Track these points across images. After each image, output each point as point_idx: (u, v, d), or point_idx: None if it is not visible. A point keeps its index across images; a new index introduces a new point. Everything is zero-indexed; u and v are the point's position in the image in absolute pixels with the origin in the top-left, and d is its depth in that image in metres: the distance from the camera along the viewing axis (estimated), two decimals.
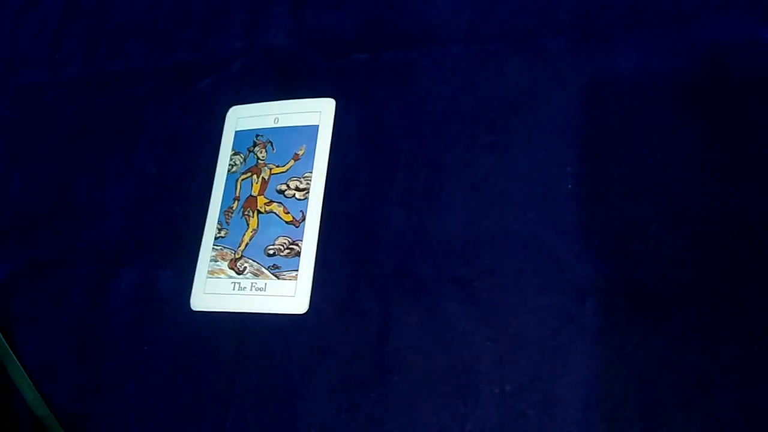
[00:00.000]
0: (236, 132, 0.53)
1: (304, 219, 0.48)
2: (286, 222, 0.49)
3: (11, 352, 0.52)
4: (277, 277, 0.47)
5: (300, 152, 0.50)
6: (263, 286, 0.47)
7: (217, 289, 0.49)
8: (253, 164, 0.51)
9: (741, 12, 0.43)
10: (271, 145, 0.51)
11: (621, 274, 0.41)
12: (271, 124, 0.52)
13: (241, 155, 0.52)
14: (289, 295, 0.47)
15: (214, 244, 0.50)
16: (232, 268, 0.49)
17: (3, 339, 0.53)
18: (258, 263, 0.48)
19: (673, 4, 0.45)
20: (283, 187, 0.50)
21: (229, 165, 0.52)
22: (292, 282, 0.47)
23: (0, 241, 0.57)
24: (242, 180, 0.51)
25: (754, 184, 0.40)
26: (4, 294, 0.55)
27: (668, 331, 0.39)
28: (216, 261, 0.49)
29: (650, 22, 0.45)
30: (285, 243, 0.48)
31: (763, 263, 0.38)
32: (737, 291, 0.38)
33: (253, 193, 0.50)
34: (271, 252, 0.48)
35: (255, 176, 0.51)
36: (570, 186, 0.43)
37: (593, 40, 0.46)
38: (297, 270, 0.47)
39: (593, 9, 0.46)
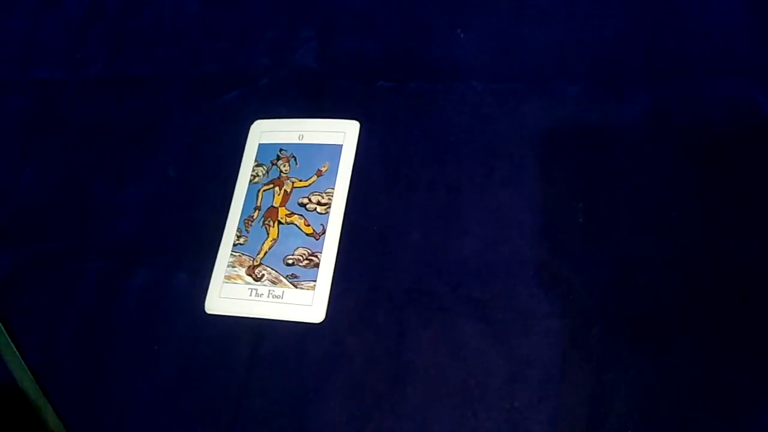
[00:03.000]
0: (260, 144, 0.55)
1: (324, 232, 0.50)
2: (307, 234, 0.50)
3: (12, 345, 0.52)
4: (295, 286, 0.49)
5: (323, 169, 0.52)
6: (281, 294, 0.49)
7: (233, 294, 0.50)
8: (276, 176, 0.53)
9: (742, 76, 0.48)
10: (295, 160, 0.53)
11: (626, 303, 0.44)
12: (295, 140, 0.54)
13: (264, 167, 0.54)
14: (306, 304, 0.48)
15: (232, 250, 0.51)
16: (249, 275, 0.50)
17: (4, 331, 0.52)
18: (276, 271, 0.50)
19: (680, 62, 0.50)
20: (305, 200, 0.52)
21: (252, 175, 0.54)
22: (310, 292, 0.49)
23: (6, 232, 0.57)
24: (264, 191, 0.53)
25: (747, 227, 0.44)
26: (8, 286, 0.54)
27: (668, 358, 0.42)
28: (233, 267, 0.51)
29: (659, 77, 0.50)
30: (304, 254, 0.50)
31: (756, 299, 0.42)
32: (732, 324, 0.42)
33: (275, 204, 0.52)
34: (290, 262, 0.50)
35: (277, 188, 0.53)
36: (581, 220, 0.47)
37: (607, 89, 0.50)
38: (315, 280, 0.49)
39: (608, 62, 0.51)
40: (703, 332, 0.42)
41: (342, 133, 0.53)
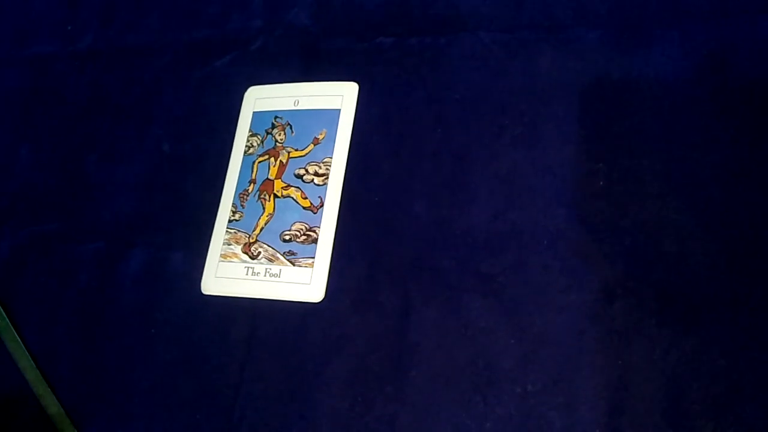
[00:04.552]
0: (254, 113, 0.51)
1: (322, 205, 0.47)
2: (304, 207, 0.47)
3: (12, 328, 0.50)
4: (293, 264, 0.46)
5: (320, 136, 0.49)
6: (278, 273, 0.46)
7: (229, 273, 0.47)
8: (271, 147, 0.50)
9: None
10: (290, 128, 0.50)
11: (652, 275, 0.39)
12: (290, 107, 0.50)
13: (259, 137, 0.50)
14: (305, 282, 0.45)
15: (227, 227, 0.48)
16: (245, 253, 0.47)
17: (4, 314, 0.51)
18: (273, 248, 0.47)
19: (712, 1, 0.44)
20: (302, 171, 0.48)
21: (246, 146, 0.50)
22: (308, 269, 0.45)
23: (4, 215, 0.55)
24: (259, 162, 0.50)
25: None
26: (7, 269, 0.53)
27: (699, 336, 0.38)
28: (229, 244, 0.48)
29: (689, 18, 0.44)
30: (302, 229, 0.47)
31: None
32: None
33: (270, 177, 0.49)
34: (287, 238, 0.47)
35: (272, 159, 0.49)
36: (601, 183, 0.42)
37: (630, 34, 0.44)
38: (313, 257, 0.46)
39: (632, 3, 0.45)
40: (738, 307, 0.37)
41: (339, 97, 0.49)
